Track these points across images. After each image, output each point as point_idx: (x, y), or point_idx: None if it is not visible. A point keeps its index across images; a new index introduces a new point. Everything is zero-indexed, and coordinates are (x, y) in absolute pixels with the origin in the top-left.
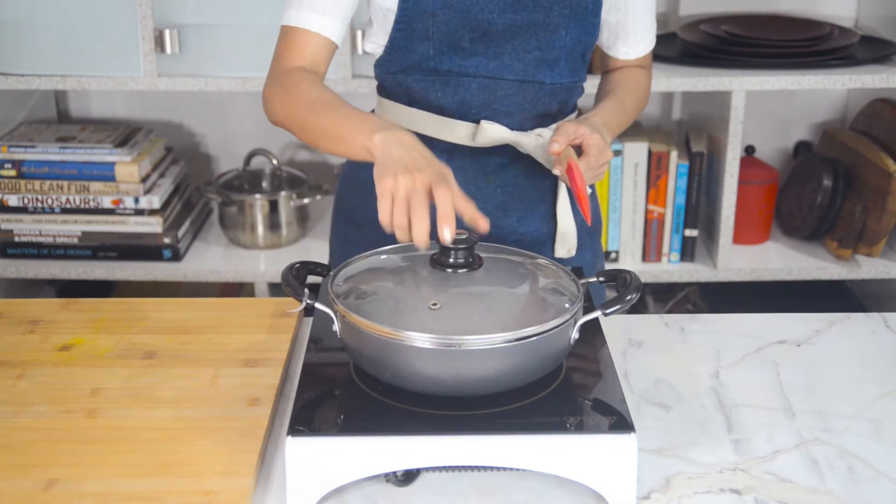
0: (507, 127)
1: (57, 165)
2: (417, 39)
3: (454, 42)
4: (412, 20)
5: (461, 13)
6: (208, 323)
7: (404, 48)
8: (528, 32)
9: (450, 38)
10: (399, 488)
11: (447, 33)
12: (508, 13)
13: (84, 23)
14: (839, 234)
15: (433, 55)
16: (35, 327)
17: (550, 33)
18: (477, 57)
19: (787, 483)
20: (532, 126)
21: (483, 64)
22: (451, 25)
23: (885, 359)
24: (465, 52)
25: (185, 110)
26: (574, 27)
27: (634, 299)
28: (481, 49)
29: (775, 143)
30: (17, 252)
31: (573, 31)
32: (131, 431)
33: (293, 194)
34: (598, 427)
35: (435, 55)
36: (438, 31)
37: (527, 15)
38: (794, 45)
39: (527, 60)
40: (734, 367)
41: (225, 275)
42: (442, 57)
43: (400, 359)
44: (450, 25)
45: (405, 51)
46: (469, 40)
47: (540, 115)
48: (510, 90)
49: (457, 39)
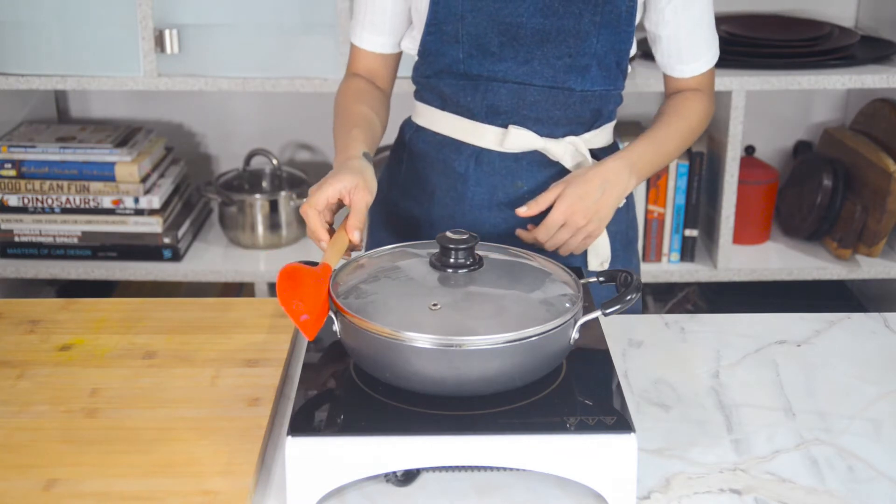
0: (537, 133)
1: (57, 165)
2: (447, 42)
3: (483, 45)
4: (442, 22)
5: (489, 16)
6: (208, 323)
7: (435, 51)
8: (557, 38)
9: (479, 42)
10: (399, 488)
11: (476, 36)
12: (538, 17)
13: (84, 23)
14: (839, 234)
15: (463, 59)
16: (35, 327)
17: (581, 40)
18: (506, 62)
19: (787, 483)
20: (563, 133)
21: (512, 69)
22: (479, 28)
23: (885, 359)
24: (494, 57)
25: (185, 110)
26: (605, 34)
27: (635, 299)
28: (510, 54)
29: (775, 143)
30: (17, 252)
31: (605, 38)
32: (131, 431)
33: (293, 194)
34: (598, 427)
35: (465, 59)
36: (468, 34)
37: (556, 21)
38: (794, 45)
39: (557, 66)
40: (734, 367)
41: (225, 275)
42: (472, 61)
43: (400, 359)
44: (478, 28)
45: (436, 54)
46: (498, 44)
47: (571, 121)
48: (540, 96)
49: (486, 43)
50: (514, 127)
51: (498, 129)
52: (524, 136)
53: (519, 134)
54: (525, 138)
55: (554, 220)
